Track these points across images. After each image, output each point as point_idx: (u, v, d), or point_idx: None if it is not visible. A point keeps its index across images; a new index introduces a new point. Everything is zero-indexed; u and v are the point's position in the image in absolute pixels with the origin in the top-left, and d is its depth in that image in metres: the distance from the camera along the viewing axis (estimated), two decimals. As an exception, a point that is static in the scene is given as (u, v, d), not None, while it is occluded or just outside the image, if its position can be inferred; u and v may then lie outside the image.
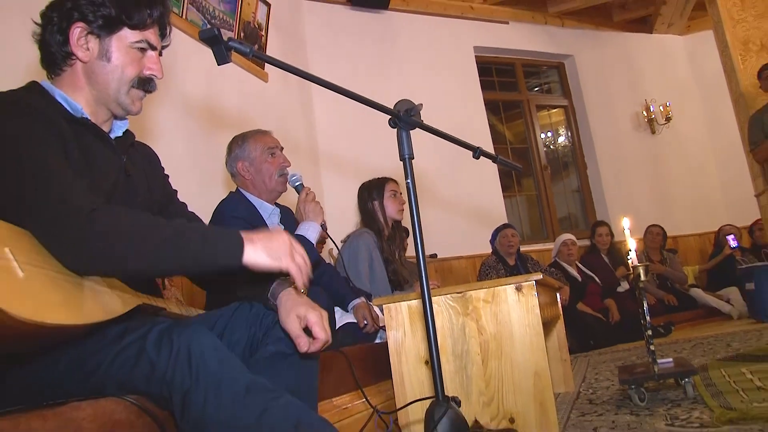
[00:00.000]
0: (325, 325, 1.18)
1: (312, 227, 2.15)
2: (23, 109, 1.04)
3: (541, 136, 6.05)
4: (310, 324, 1.17)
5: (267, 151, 2.22)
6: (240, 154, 2.23)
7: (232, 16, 3.52)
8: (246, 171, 2.21)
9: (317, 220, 2.18)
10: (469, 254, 4.91)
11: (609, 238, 5.10)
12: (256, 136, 2.26)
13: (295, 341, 1.17)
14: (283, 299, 1.21)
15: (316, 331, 1.17)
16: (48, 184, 0.97)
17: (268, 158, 2.21)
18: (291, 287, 1.24)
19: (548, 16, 5.97)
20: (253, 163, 2.21)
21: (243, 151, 2.23)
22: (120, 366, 0.98)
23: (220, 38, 1.04)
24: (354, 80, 4.56)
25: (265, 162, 2.20)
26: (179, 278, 2.59)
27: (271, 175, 2.20)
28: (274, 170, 2.20)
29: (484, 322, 1.77)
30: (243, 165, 2.22)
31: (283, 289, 1.23)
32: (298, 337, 1.16)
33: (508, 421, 1.70)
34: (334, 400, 1.74)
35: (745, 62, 4.20)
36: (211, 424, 0.93)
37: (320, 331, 1.17)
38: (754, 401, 1.63)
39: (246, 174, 2.22)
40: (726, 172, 6.04)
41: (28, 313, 0.81)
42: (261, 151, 2.21)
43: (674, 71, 6.38)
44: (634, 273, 2.00)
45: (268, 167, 2.20)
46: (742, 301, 4.72)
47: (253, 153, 2.21)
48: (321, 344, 1.18)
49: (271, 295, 1.23)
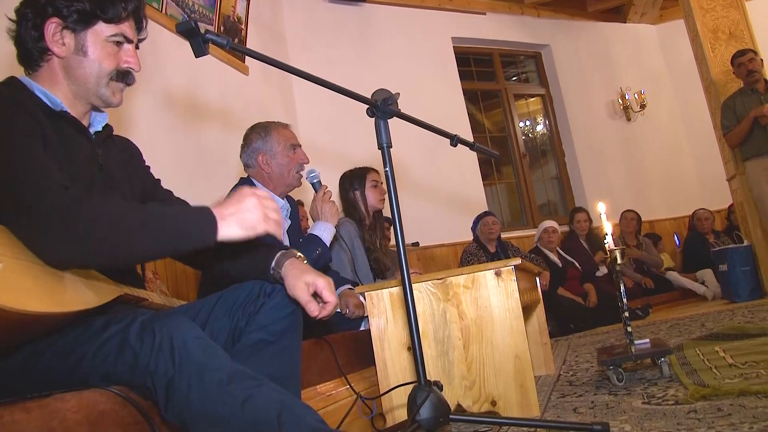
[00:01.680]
0: (333, 290, 1.24)
1: (327, 229, 2.16)
2: (2, 103, 1.04)
3: (520, 124, 6.11)
4: (319, 289, 1.22)
5: (290, 146, 2.21)
6: (262, 147, 2.20)
7: (211, 10, 3.49)
8: (266, 164, 2.19)
9: (332, 222, 2.19)
10: (450, 242, 4.97)
11: (587, 224, 5.18)
12: (279, 130, 2.24)
13: (306, 307, 1.21)
14: (290, 268, 1.25)
15: (326, 296, 1.22)
16: (29, 178, 0.97)
17: (290, 153, 2.20)
18: (295, 257, 1.27)
19: (524, 6, 6.01)
20: (275, 156, 2.18)
21: (266, 143, 2.20)
22: (104, 357, 0.98)
23: (197, 31, 1.05)
24: (334, 72, 4.56)
25: (287, 157, 2.19)
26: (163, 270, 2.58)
27: (290, 171, 2.19)
28: (294, 166, 2.20)
29: (465, 308, 1.80)
30: (264, 158, 2.19)
31: (287, 259, 1.26)
32: (309, 303, 1.21)
33: (490, 403, 1.74)
34: (318, 387, 1.76)
35: (714, 50, 4.28)
36: (195, 412, 0.94)
37: (330, 295, 1.23)
38: (726, 378, 1.68)
39: (266, 167, 2.19)
40: (699, 158, 6.18)
41: (8, 301, 0.81)
42: (284, 145, 2.20)
43: (648, 60, 6.48)
44: (611, 257, 2.05)
45: (289, 162, 2.19)
46: (716, 282, 4.83)
47: (276, 147, 2.19)
48: (332, 307, 1.23)
49: (276, 265, 1.26)
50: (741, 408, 1.33)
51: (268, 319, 1.21)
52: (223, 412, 0.94)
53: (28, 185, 0.96)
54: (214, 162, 3.23)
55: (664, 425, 1.31)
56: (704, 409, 1.38)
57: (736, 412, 1.30)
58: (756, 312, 3.33)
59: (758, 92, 3.93)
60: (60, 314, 0.94)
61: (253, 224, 1.08)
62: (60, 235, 0.95)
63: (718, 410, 1.35)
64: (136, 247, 1.00)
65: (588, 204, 5.60)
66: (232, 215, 1.07)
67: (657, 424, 1.34)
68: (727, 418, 1.27)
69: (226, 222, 1.06)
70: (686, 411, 1.40)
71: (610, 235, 2.09)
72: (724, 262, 4.37)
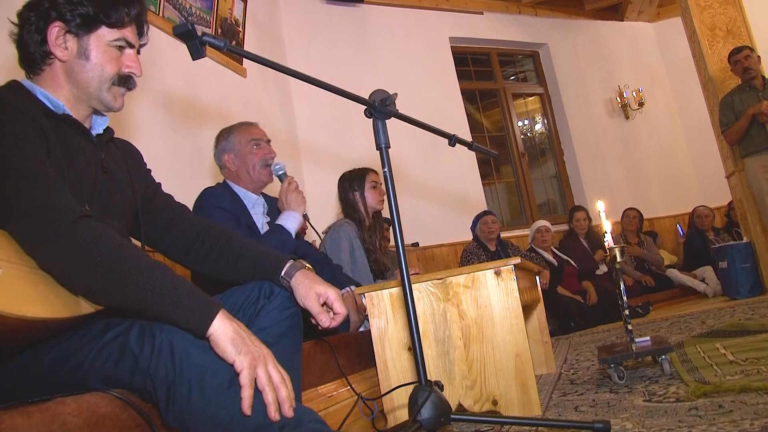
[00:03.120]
0: (342, 302, 1.27)
1: (292, 217, 2.16)
2: (5, 108, 1.04)
3: (518, 123, 6.11)
4: (330, 301, 1.25)
5: (251, 142, 2.24)
6: (226, 147, 2.26)
7: (209, 12, 3.50)
8: (231, 163, 2.24)
9: (299, 210, 2.19)
10: (450, 242, 4.97)
11: (587, 223, 5.18)
12: (240, 129, 2.29)
13: (317, 317, 1.24)
14: (300, 278, 1.27)
15: (337, 307, 1.26)
16: (32, 187, 0.97)
17: (252, 149, 2.23)
18: (305, 268, 1.29)
19: (521, 5, 6.02)
20: (238, 154, 2.23)
21: (228, 143, 2.26)
22: (104, 361, 0.98)
23: (194, 33, 1.05)
24: (331, 73, 4.57)
25: (249, 153, 2.23)
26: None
27: (254, 166, 2.21)
28: (258, 161, 2.22)
29: (465, 307, 1.80)
30: (229, 157, 2.24)
31: (297, 270, 1.28)
32: (320, 314, 1.24)
33: (491, 403, 1.74)
34: (319, 389, 1.76)
35: (712, 47, 4.29)
36: (196, 415, 0.94)
37: (340, 306, 1.26)
38: (727, 375, 1.68)
39: (231, 166, 2.24)
40: (698, 155, 6.18)
41: (7, 307, 0.81)
42: (245, 143, 2.24)
43: (645, 57, 6.49)
44: (610, 255, 2.05)
45: (251, 158, 2.22)
46: (717, 279, 4.84)
47: (237, 145, 2.24)
48: (342, 318, 1.27)
49: (285, 275, 1.28)
50: (742, 405, 1.33)
51: (268, 321, 1.21)
52: (223, 415, 0.94)
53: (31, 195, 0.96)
54: (213, 165, 3.23)
55: (666, 423, 1.31)
56: (705, 406, 1.38)
57: (737, 408, 1.31)
58: (756, 309, 3.33)
59: (756, 89, 3.93)
60: (58, 319, 0.94)
61: (241, 350, 0.97)
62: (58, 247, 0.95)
63: (719, 407, 1.35)
64: (115, 297, 0.96)
65: (587, 202, 5.61)
66: (234, 336, 0.98)
67: (658, 421, 1.34)
68: (728, 414, 1.27)
69: (223, 332, 0.98)
70: (687, 408, 1.40)
71: (610, 233, 2.10)
72: (724, 259, 4.37)
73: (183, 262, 1.38)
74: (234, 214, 2.07)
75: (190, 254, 1.35)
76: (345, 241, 2.68)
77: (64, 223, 0.95)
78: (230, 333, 0.98)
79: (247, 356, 0.96)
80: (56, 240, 0.95)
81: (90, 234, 0.96)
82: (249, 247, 1.33)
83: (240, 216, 2.09)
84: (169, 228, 1.35)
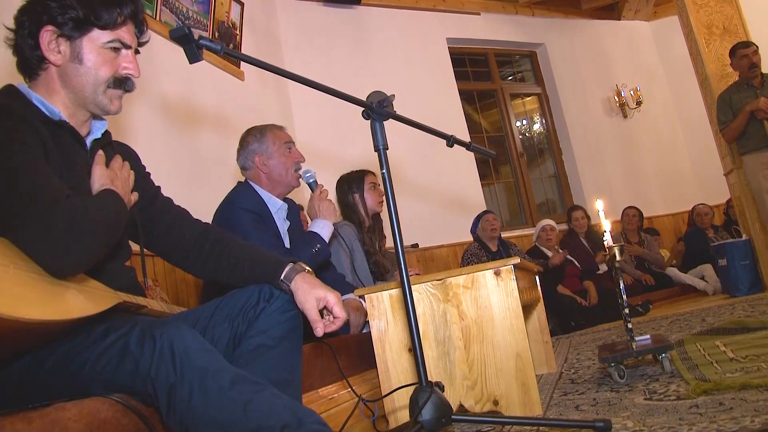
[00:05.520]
0: (342, 306, 1.26)
1: (326, 226, 2.18)
2: (2, 114, 1.04)
3: (516, 124, 6.11)
4: (330, 305, 1.25)
5: (284, 145, 2.24)
6: (258, 148, 2.23)
7: (205, 16, 3.50)
8: (263, 165, 2.22)
9: (331, 219, 2.21)
10: (450, 242, 4.97)
11: (585, 221, 5.18)
12: (273, 131, 2.27)
13: (313, 325, 1.23)
14: (300, 282, 1.26)
15: (336, 311, 1.26)
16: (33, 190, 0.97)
17: (286, 152, 2.23)
18: (305, 271, 1.29)
19: (518, 6, 6.02)
20: (272, 156, 2.21)
21: (261, 145, 2.23)
22: (104, 365, 0.98)
23: (190, 37, 1.05)
24: (329, 75, 4.58)
25: (283, 156, 2.22)
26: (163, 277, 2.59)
27: (288, 169, 2.22)
28: (291, 164, 2.22)
29: (465, 308, 1.80)
30: (260, 159, 2.22)
31: (297, 273, 1.27)
32: (316, 322, 1.23)
33: (492, 403, 1.74)
34: (320, 391, 1.76)
35: (709, 45, 4.29)
36: (197, 417, 0.94)
37: (340, 311, 1.25)
38: (727, 372, 1.68)
39: (263, 168, 2.22)
40: (696, 153, 6.19)
41: (7, 309, 0.81)
42: (279, 145, 2.23)
43: (643, 56, 6.49)
44: (610, 253, 2.05)
45: (285, 161, 2.22)
46: (716, 277, 4.84)
47: (271, 147, 2.23)
48: (341, 322, 1.26)
49: (285, 278, 1.27)
50: (742, 402, 1.33)
51: (268, 324, 1.21)
52: (224, 418, 0.95)
53: (33, 197, 0.96)
54: (211, 167, 3.23)
55: (667, 421, 1.31)
56: (706, 404, 1.38)
57: (737, 406, 1.31)
58: (756, 306, 3.34)
59: (754, 86, 3.93)
60: (59, 322, 0.94)
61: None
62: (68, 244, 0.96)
63: (720, 404, 1.35)
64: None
65: (586, 201, 5.61)
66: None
67: (659, 419, 1.34)
68: (729, 412, 1.27)
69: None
70: (688, 406, 1.40)
71: (609, 232, 2.10)
72: (724, 257, 4.37)
73: (183, 265, 1.37)
74: (259, 216, 2.09)
75: (190, 258, 1.35)
76: (345, 243, 2.68)
77: (69, 222, 0.97)
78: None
79: None
80: (69, 239, 0.97)
81: (80, 204, 1.01)
82: (248, 250, 1.33)
83: (265, 219, 2.11)
84: (168, 231, 1.35)
